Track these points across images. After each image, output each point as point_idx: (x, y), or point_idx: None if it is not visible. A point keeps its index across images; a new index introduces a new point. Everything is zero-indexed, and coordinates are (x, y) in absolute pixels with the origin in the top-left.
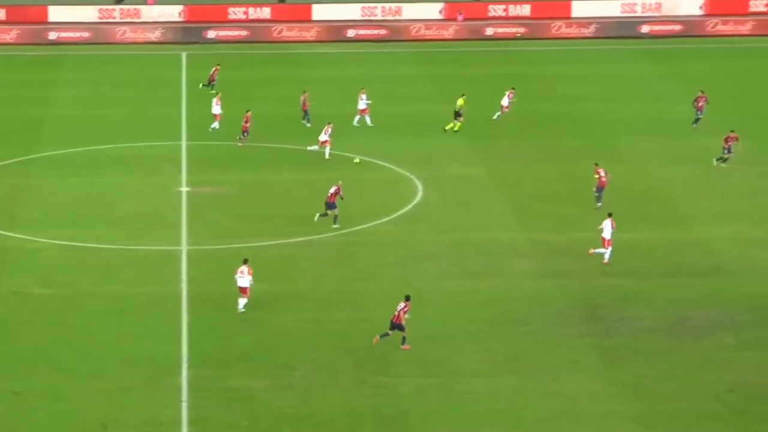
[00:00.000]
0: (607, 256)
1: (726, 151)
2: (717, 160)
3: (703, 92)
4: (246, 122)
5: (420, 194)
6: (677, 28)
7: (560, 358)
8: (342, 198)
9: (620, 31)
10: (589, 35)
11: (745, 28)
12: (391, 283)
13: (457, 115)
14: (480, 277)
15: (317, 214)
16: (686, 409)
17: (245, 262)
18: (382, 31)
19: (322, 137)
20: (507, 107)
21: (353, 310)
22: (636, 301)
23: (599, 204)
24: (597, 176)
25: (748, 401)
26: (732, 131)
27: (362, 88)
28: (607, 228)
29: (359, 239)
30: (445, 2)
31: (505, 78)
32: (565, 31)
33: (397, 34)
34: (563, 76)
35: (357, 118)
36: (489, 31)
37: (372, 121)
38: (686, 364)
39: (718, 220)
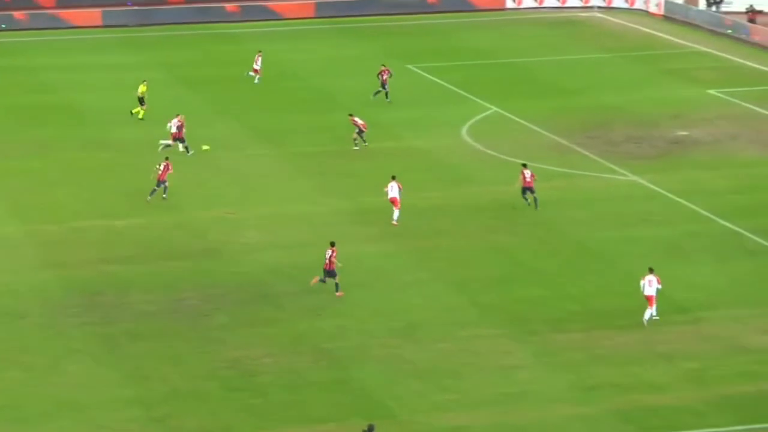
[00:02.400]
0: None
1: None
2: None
3: (384, 65)
4: None
5: None
6: None
7: (62, 348)
8: None
9: None
10: None
11: None
12: None
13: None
14: None
15: None
16: (186, 389)
17: None
18: None
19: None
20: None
21: None
22: (133, 286)
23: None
24: (522, 177)
25: (244, 376)
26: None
27: None
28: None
29: None
30: None
31: None
32: None
33: None
34: (50, 67)
35: None
36: None
37: None
38: (185, 345)
39: (207, 203)
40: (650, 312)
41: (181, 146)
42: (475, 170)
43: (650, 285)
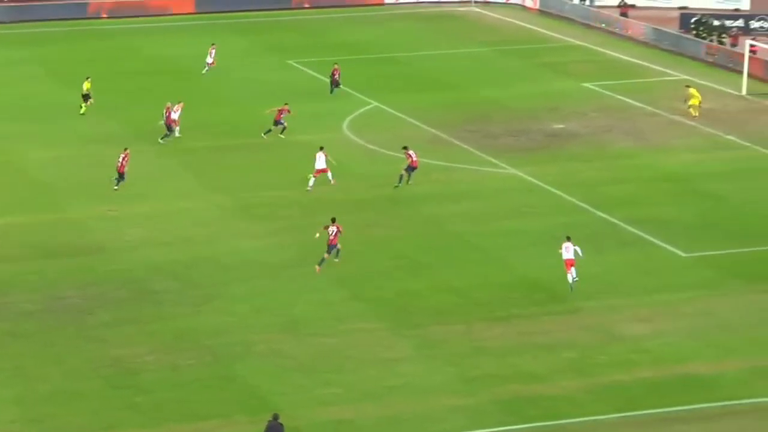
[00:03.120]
0: None
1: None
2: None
3: (336, 64)
4: None
5: None
6: None
7: None
8: None
9: None
10: None
11: None
12: None
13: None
14: None
15: None
16: (68, 388)
17: None
18: None
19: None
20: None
21: None
22: (14, 285)
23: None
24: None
25: (126, 374)
26: (286, 104)
27: None
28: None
29: None
30: None
31: None
32: None
33: None
34: None
35: None
36: None
37: None
38: (66, 344)
39: (88, 200)
40: (570, 276)
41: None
42: (356, 164)
43: (567, 251)
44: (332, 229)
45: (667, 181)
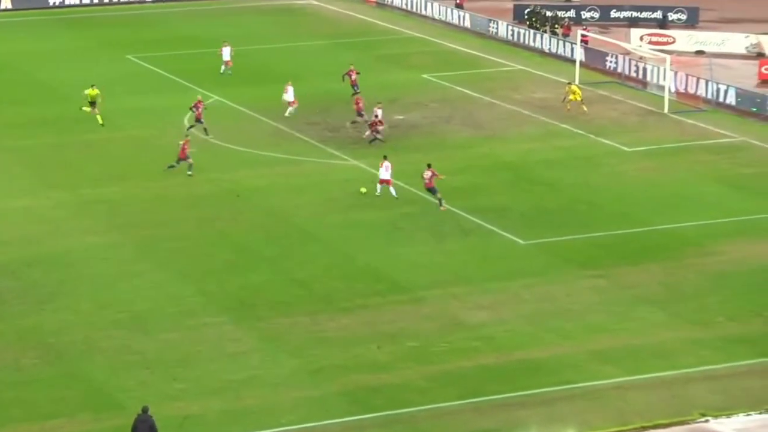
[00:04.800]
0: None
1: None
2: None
3: (352, 65)
4: None
5: None
6: None
7: None
8: None
9: None
10: None
11: None
12: None
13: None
14: None
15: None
16: None
17: None
18: None
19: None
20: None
21: None
22: None
23: None
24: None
25: None
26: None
27: None
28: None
29: None
30: None
31: None
32: None
33: None
34: None
35: None
36: None
37: None
38: None
39: None
40: (379, 187)
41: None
42: (197, 159)
43: (387, 170)
44: (427, 173)
45: (505, 170)
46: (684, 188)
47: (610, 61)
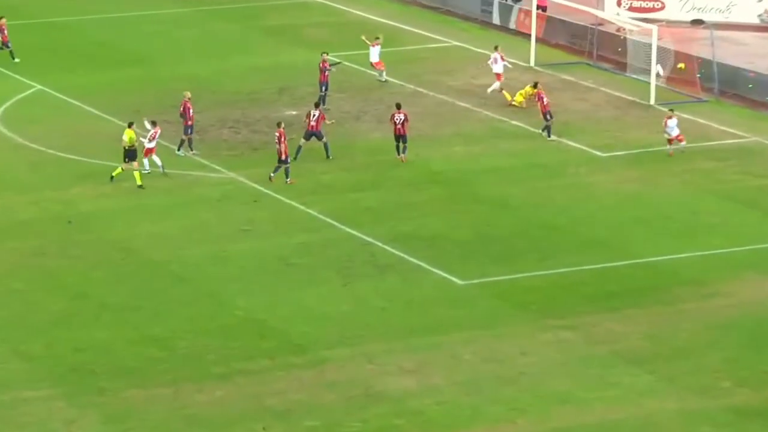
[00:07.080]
0: None
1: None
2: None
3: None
4: None
5: None
6: None
7: None
8: None
9: None
10: None
11: None
12: None
13: None
14: None
15: None
16: None
17: None
18: None
19: None
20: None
21: None
22: None
23: None
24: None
25: None
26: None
27: None
28: None
29: None
30: None
31: None
32: None
33: None
34: None
35: None
36: None
37: None
38: None
39: None
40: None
41: None
42: (13, 171)
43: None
44: (399, 116)
45: (435, 184)
46: (677, 206)
47: (577, 35)
